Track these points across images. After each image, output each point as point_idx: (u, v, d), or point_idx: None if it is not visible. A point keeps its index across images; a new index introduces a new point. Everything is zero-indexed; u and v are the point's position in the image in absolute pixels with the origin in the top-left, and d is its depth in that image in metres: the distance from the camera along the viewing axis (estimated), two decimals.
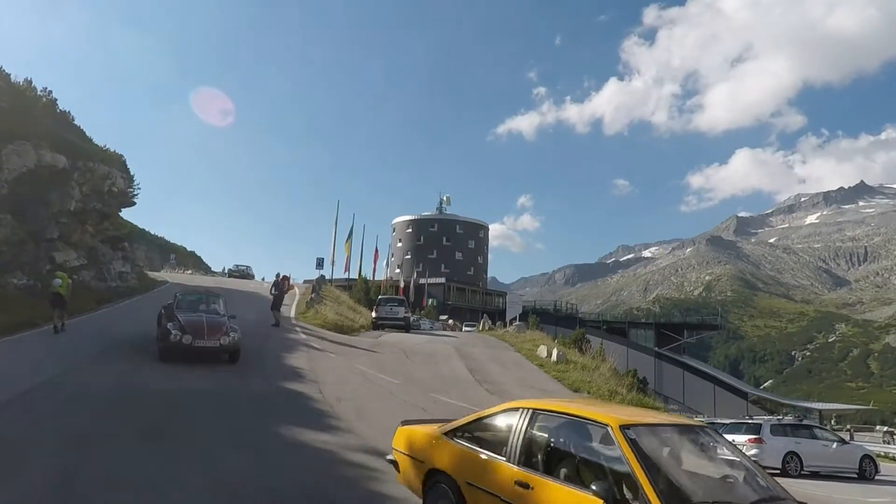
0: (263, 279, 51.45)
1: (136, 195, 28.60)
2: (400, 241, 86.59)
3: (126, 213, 33.88)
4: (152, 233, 63.52)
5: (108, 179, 24.67)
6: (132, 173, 28.05)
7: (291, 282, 26.58)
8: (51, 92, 25.67)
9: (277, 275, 21.77)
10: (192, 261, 62.96)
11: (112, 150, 27.69)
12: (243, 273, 46.99)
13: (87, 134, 28.07)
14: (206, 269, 56.29)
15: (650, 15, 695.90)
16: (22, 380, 9.12)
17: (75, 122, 27.55)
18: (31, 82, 23.89)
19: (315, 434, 7.81)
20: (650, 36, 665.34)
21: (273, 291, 19.74)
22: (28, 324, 14.43)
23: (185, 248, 69.58)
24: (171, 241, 68.16)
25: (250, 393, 10.03)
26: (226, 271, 50.31)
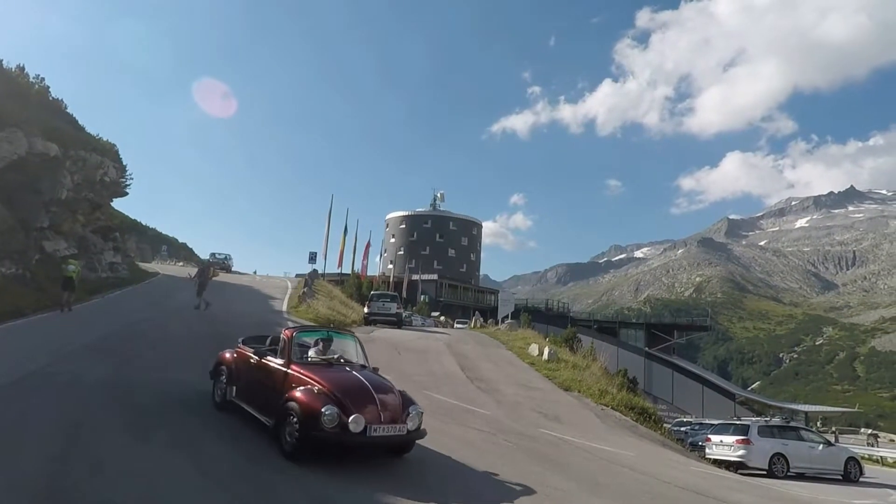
0: (255, 272, 51.29)
1: (129, 186, 28.43)
2: (393, 236, 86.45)
3: (118, 204, 33.69)
4: (144, 224, 63.09)
5: (101, 169, 24.47)
6: (125, 163, 27.84)
7: (216, 270, 27.28)
8: (43, 79, 25.47)
9: (202, 262, 22.83)
10: (183, 252, 62.60)
11: (105, 139, 27.46)
12: (222, 264, 42.42)
13: (80, 122, 27.82)
14: (197, 261, 55.90)
15: (643, 18, 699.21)
16: (13, 368, 9.05)
17: (68, 111, 27.30)
18: (23, 69, 23.66)
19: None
20: (643, 39, 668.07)
21: (197, 278, 20.37)
22: (14, 313, 14.31)
23: (176, 240, 69.18)
24: (164, 233, 67.78)
25: None
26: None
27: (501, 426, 10.51)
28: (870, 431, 51.95)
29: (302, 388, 6.57)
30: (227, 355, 8.40)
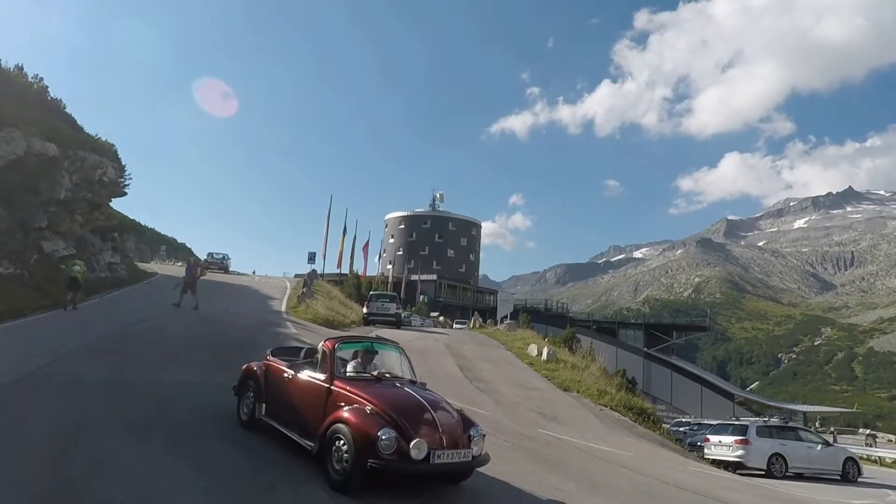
0: (254, 272, 51.24)
1: (128, 186, 28.38)
2: (392, 237, 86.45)
3: (117, 204, 33.63)
4: (143, 224, 62.99)
5: (99, 169, 24.44)
6: (123, 163, 27.81)
7: (204, 268, 28.13)
8: (42, 79, 25.46)
9: (188, 260, 23.12)
10: (182, 253, 62.50)
11: (104, 139, 27.44)
12: (220, 264, 41.23)
13: (79, 122, 27.79)
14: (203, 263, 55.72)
15: (641, 19, 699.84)
16: (12, 368, 9.04)
17: (66, 110, 27.27)
18: (21, 69, 23.64)
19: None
20: (642, 40, 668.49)
21: (183, 277, 20.71)
22: (13, 313, 14.29)
23: (175, 240, 69.07)
24: (162, 233, 67.67)
25: None
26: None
27: (500, 426, 10.51)
28: (868, 432, 52.02)
29: (350, 407, 5.76)
30: (255, 368, 7.52)
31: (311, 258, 36.67)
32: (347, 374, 6.44)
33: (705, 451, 16.36)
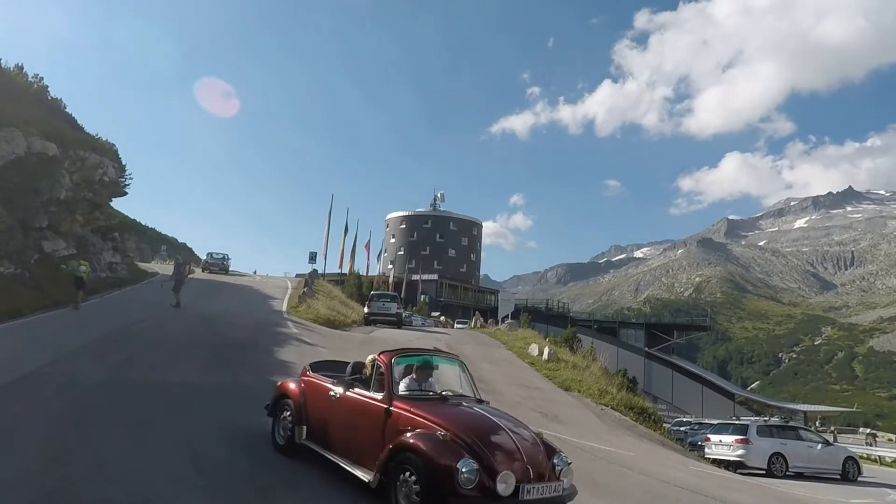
0: (255, 272, 51.23)
1: (128, 185, 28.37)
2: (393, 236, 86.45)
3: (117, 204, 33.64)
4: (143, 223, 63.01)
5: (100, 169, 24.43)
6: (124, 163, 27.80)
7: (192, 267, 28.10)
8: (42, 78, 25.42)
9: (177, 259, 23.82)
10: (183, 253, 62.51)
11: (104, 138, 27.43)
12: (220, 265, 39.26)
13: (79, 122, 27.78)
14: (197, 261, 55.75)
15: (641, 19, 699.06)
16: (12, 368, 9.05)
17: (67, 110, 27.26)
18: (21, 68, 23.62)
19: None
20: (642, 40, 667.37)
21: (173, 276, 20.77)
22: (13, 313, 14.29)
23: (176, 240, 69.09)
24: (163, 233, 67.69)
25: (240, 387, 9.98)
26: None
27: None
28: (868, 431, 52.00)
29: (418, 432, 4.98)
30: (293, 386, 6.71)
31: (312, 258, 36.73)
32: (403, 391, 5.64)
33: (706, 450, 16.35)
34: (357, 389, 5.93)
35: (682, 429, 26.74)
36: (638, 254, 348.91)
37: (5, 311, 14.09)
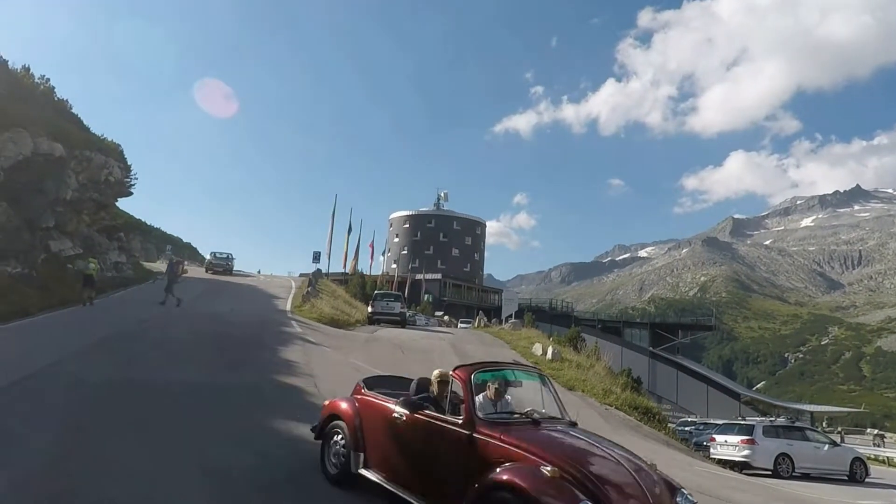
0: (259, 272, 51.36)
1: (133, 185, 28.55)
2: (397, 236, 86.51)
3: (123, 204, 33.83)
4: (149, 223, 63.24)
5: (105, 169, 24.57)
6: (129, 163, 27.94)
7: (185, 266, 28.31)
8: (48, 80, 25.53)
9: (171, 258, 24.25)
10: (188, 252, 62.74)
11: (110, 139, 27.57)
12: (224, 265, 37.84)
13: (85, 123, 27.94)
14: (201, 261, 55.90)
15: (645, 18, 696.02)
16: (18, 367, 9.09)
17: (73, 111, 27.41)
18: (28, 69, 23.74)
19: (309, 428, 7.78)
20: (646, 38, 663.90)
21: (166, 275, 21.20)
22: (20, 313, 14.37)
23: (181, 240, 69.32)
24: (168, 233, 67.92)
25: (244, 386, 10.01)
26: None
27: None
28: (876, 432, 51.65)
29: (516, 466, 4.17)
30: (345, 406, 5.88)
31: (316, 257, 36.87)
32: (481, 411, 4.80)
33: (711, 450, 16.29)
34: (427, 411, 5.08)
35: (686, 429, 26.62)
36: (642, 253, 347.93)
37: (13, 310, 14.17)
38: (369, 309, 25.91)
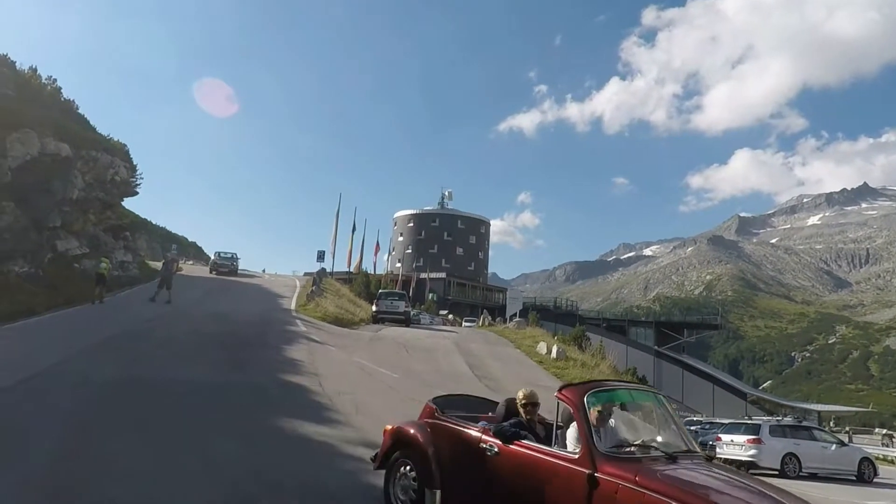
0: (264, 271, 51.48)
1: (139, 185, 28.65)
2: (401, 235, 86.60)
3: (128, 203, 33.92)
4: (154, 223, 63.58)
5: (111, 169, 24.67)
6: (135, 163, 28.05)
7: (180, 264, 29.03)
8: (55, 80, 25.64)
9: (166, 256, 25.06)
10: (193, 251, 63.00)
11: (115, 139, 27.68)
12: (230, 267, 35.78)
13: (91, 123, 28.05)
14: (206, 260, 56.01)
15: (649, 16, 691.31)
16: (25, 366, 9.14)
17: (79, 111, 27.52)
18: (35, 70, 23.85)
19: (314, 427, 7.80)
20: (650, 37, 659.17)
21: (161, 272, 21.62)
22: (27, 312, 14.46)
23: (186, 239, 69.63)
24: (174, 232, 68.24)
25: (249, 385, 10.03)
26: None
27: None
28: (884, 431, 51.29)
29: None
30: (415, 432, 4.93)
31: (321, 256, 36.92)
32: (608, 449, 3.89)
33: (717, 450, 16.19)
34: (525, 441, 4.29)
35: (692, 428, 26.50)
36: (647, 252, 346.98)
37: (20, 309, 14.26)
38: (374, 308, 25.92)
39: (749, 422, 19.18)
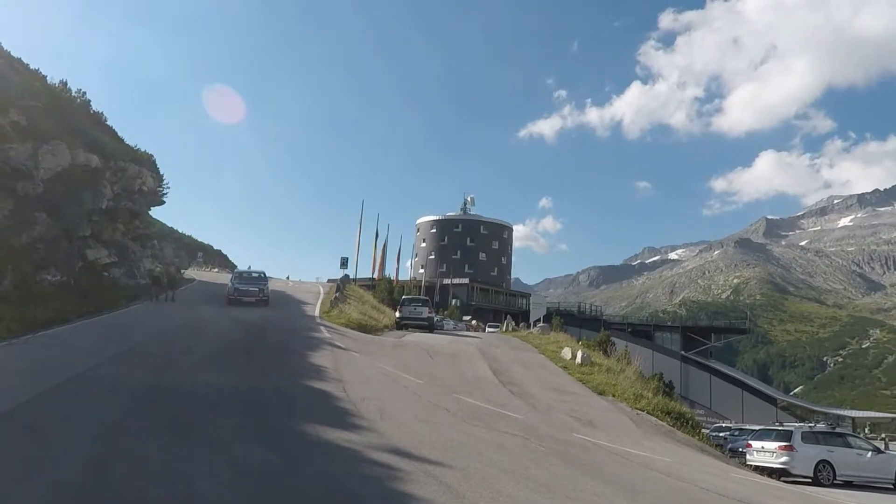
0: (287, 277, 52.06)
1: (166, 194, 29.28)
2: (424, 241, 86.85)
3: (155, 212, 34.71)
4: (180, 231, 64.74)
5: (139, 178, 25.26)
6: (161, 173, 28.65)
7: (177, 269, 30.96)
8: (85, 93, 26.30)
9: (153, 271, 26.06)
10: (218, 259, 64.01)
11: (142, 149, 28.30)
12: (259, 296, 28.55)
13: (119, 134, 28.74)
14: (231, 268, 56.83)
15: (666, 20, 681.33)
16: (58, 372, 9.36)
17: (107, 123, 28.21)
18: (66, 84, 24.51)
19: (339, 433, 7.81)
20: (669, 40, 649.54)
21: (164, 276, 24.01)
22: (59, 319, 14.82)
23: (212, 247, 70.77)
24: (199, 240, 69.42)
25: (275, 390, 10.12)
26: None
27: (534, 430, 10.37)
28: None
29: None
30: None
31: (344, 263, 37.12)
32: None
33: (747, 457, 15.83)
34: None
35: (721, 434, 26.00)
36: (672, 255, 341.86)
37: (52, 317, 14.62)
38: (397, 314, 26.01)
39: (780, 428, 18.67)
